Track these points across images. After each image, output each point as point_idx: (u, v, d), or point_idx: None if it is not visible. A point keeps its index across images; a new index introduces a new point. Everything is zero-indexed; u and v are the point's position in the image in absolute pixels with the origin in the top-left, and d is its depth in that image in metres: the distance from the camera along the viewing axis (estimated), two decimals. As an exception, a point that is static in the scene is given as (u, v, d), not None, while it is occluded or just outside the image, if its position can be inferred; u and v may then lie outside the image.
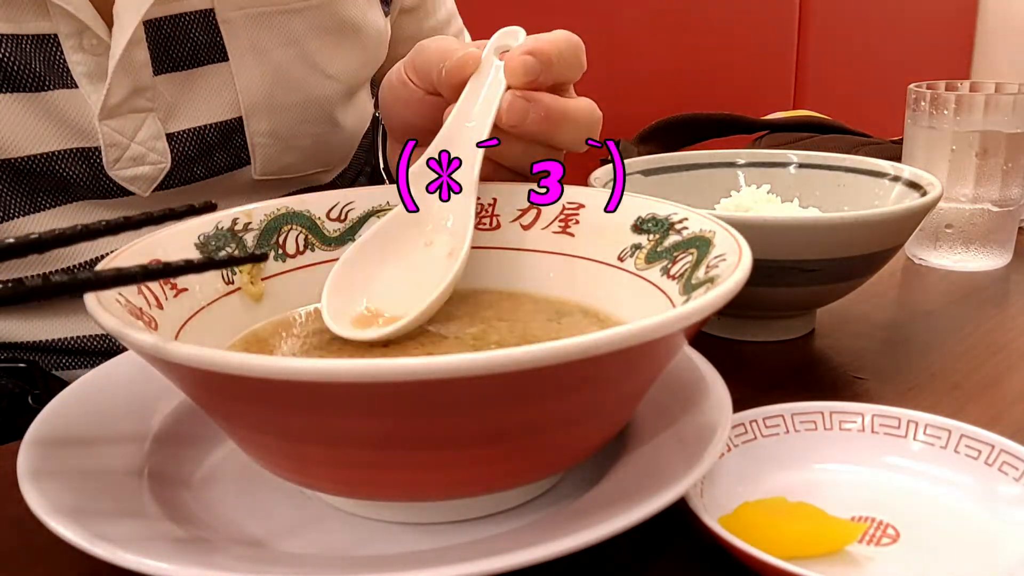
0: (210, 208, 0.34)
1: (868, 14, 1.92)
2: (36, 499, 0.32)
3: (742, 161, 0.66)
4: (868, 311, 0.63)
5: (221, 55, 0.61)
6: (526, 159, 0.47)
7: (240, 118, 0.63)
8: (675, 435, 0.36)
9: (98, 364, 0.43)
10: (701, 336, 0.34)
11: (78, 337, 0.61)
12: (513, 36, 0.47)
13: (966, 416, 0.42)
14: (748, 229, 0.38)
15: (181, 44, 0.59)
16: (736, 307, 0.33)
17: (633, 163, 0.64)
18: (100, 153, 0.58)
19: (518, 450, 0.32)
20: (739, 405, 0.39)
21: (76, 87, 0.56)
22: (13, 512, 0.35)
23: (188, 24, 0.59)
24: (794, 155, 0.65)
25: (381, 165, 0.71)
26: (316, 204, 0.46)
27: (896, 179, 0.61)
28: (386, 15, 0.71)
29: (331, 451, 0.31)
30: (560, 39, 0.45)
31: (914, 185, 0.59)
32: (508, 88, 0.44)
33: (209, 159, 0.62)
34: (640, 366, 0.32)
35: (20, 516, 0.33)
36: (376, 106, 0.76)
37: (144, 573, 0.28)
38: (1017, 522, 0.37)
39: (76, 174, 0.58)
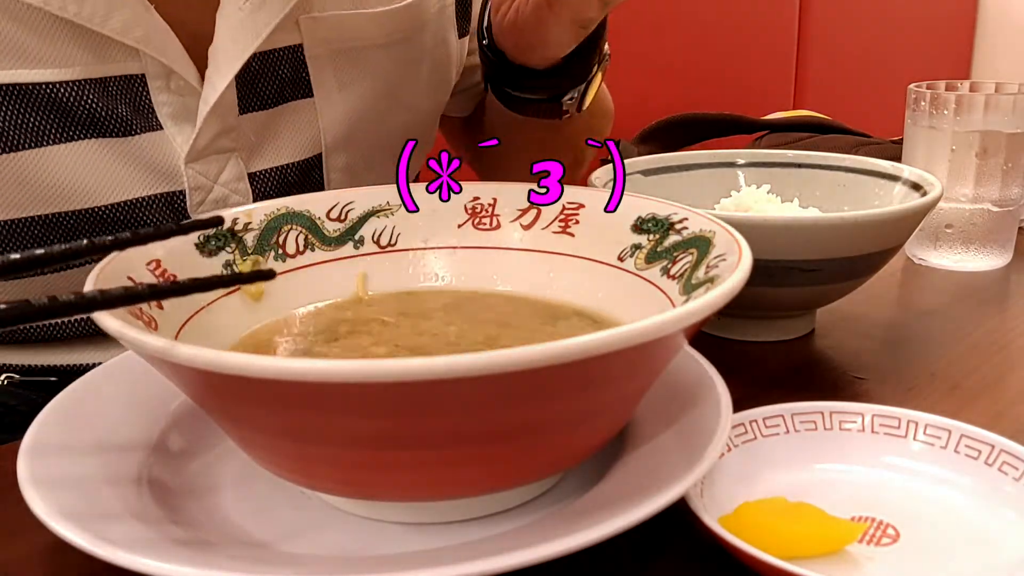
0: (217, 223, 0.35)
1: (868, 14, 1.92)
2: (36, 500, 0.32)
3: (742, 161, 0.66)
4: (868, 311, 0.63)
5: (306, 91, 0.60)
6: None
7: (320, 155, 0.62)
8: (675, 435, 0.36)
9: None
10: (701, 336, 0.34)
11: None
12: None
13: (966, 416, 0.42)
14: (748, 229, 0.38)
15: (269, 82, 0.59)
16: (736, 307, 0.33)
17: (633, 163, 0.64)
18: (184, 197, 0.57)
19: (518, 450, 0.32)
20: (739, 405, 0.39)
21: (161, 129, 0.55)
22: (13, 512, 0.35)
23: (276, 61, 0.59)
24: (794, 155, 0.65)
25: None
26: (316, 204, 0.46)
27: (896, 179, 0.61)
28: (462, 36, 0.71)
29: (331, 451, 0.31)
30: None
31: (914, 185, 0.59)
32: None
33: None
34: (640, 366, 0.32)
35: (20, 516, 0.33)
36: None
37: (144, 573, 0.28)
38: (1017, 522, 0.37)
39: (160, 220, 0.57)
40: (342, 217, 0.46)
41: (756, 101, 1.45)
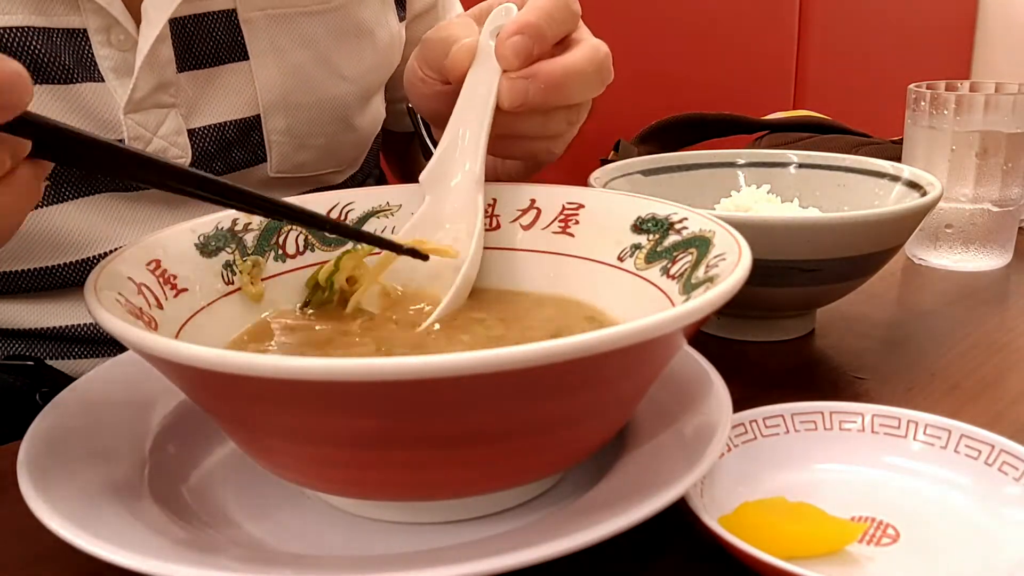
0: None
1: (868, 14, 1.92)
2: (36, 500, 0.32)
3: (742, 161, 0.66)
4: (868, 311, 0.63)
5: (242, 54, 0.62)
6: (552, 126, 0.48)
7: (258, 116, 0.64)
8: (675, 435, 0.36)
9: (104, 354, 0.43)
10: (701, 336, 0.34)
11: (85, 325, 0.61)
12: (507, 14, 0.47)
13: (966, 416, 0.42)
14: (748, 229, 0.39)
15: (204, 42, 0.61)
16: (736, 307, 0.33)
17: (633, 163, 0.64)
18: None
19: (518, 450, 0.32)
20: (739, 405, 0.39)
21: (103, 81, 0.57)
22: (13, 512, 0.35)
23: (211, 23, 0.61)
24: (794, 155, 0.65)
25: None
26: (316, 204, 0.46)
27: (896, 179, 0.61)
28: (401, 20, 0.73)
29: (331, 451, 0.31)
30: (546, 2, 0.45)
31: (914, 185, 0.59)
32: (504, 72, 0.45)
33: (227, 155, 0.63)
34: (640, 366, 0.32)
35: (20, 516, 0.33)
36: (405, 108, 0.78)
37: (144, 573, 0.28)
38: (1017, 522, 0.37)
39: None
40: (342, 217, 0.46)
41: (756, 101, 1.45)
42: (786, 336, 0.58)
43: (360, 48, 0.68)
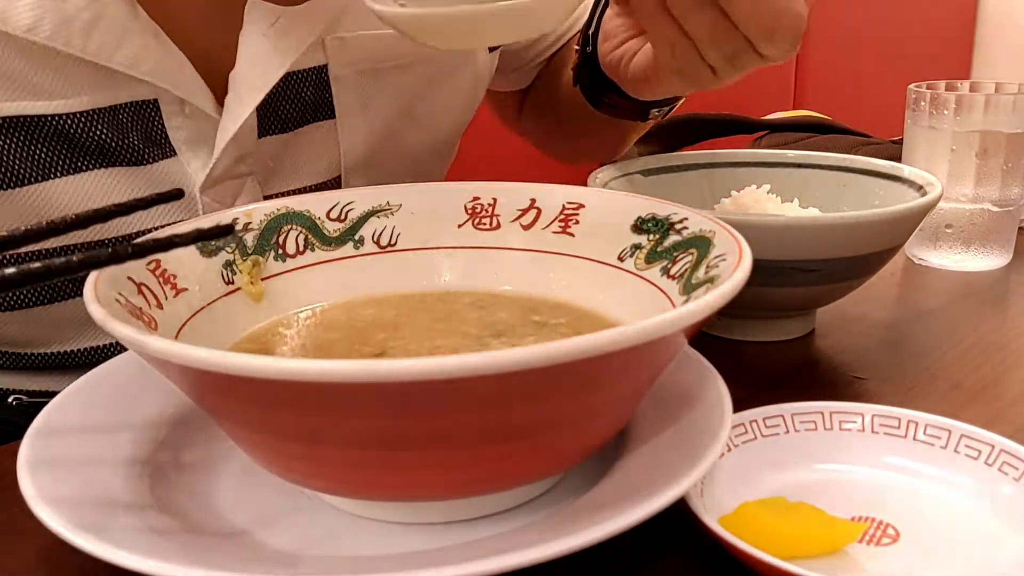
0: (178, 195, 0.34)
1: (868, 14, 1.92)
2: (36, 500, 0.32)
3: (742, 161, 0.66)
4: (868, 311, 0.63)
5: (328, 112, 0.59)
6: (693, 30, 0.45)
7: (339, 177, 0.60)
8: (675, 435, 0.36)
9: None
10: (701, 336, 0.34)
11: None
12: None
13: (966, 416, 0.42)
14: (748, 229, 0.38)
15: (291, 104, 0.57)
16: (736, 307, 0.33)
17: (633, 163, 0.64)
18: None
19: (518, 450, 0.32)
20: (739, 405, 0.39)
21: (175, 155, 0.54)
22: (13, 512, 0.35)
23: (300, 82, 0.57)
24: (794, 155, 0.65)
25: None
26: (316, 204, 0.46)
27: (896, 179, 0.61)
28: (492, 50, 0.69)
29: (331, 451, 0.31)
30: None
31: (914, 185, 0.59)
32: None
33: None
34: (640, 366, 0.32)
35: (20, 516, 0.33)
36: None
37: (144, 573, 0.28)
38: (1017, 522, 0.37)
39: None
40: (342, 217, 0.46)
41: (756, 101, 1.45)
42: (786, 336, 0.58)
43: (448, 93, 0.65)
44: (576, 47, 0.62)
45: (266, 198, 0.57)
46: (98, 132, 0.51)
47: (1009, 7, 2.22)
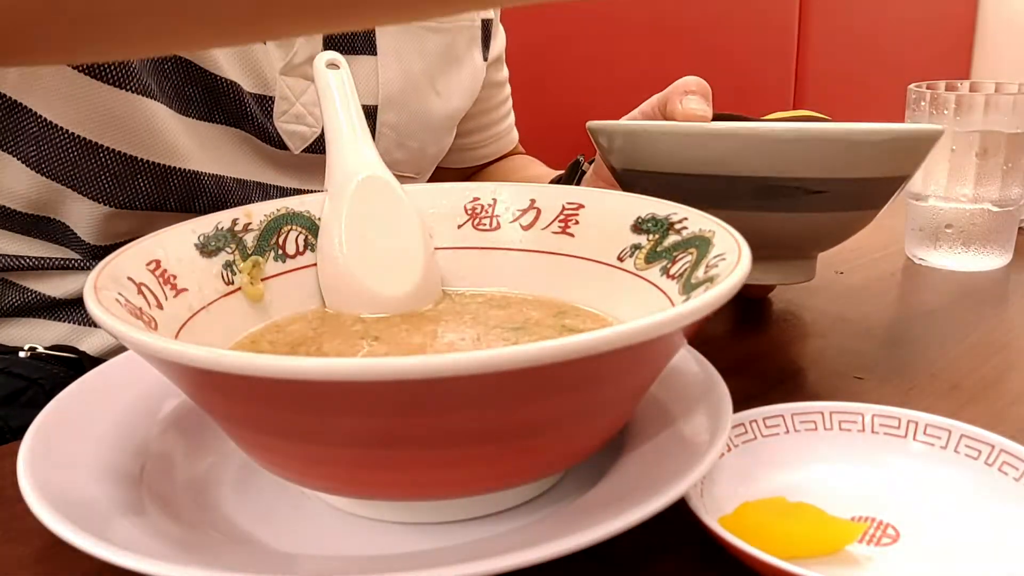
0: None
1: (868, 14, 1.92)
2: (36, 500, 0.32)
3: None
4: (868, 311, 0.63)
5: (371, 49, 0.72)
6: None
7: (376, 107, 0.73)
8: (675, 435, 0.36)
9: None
10: (701, 336, 0.34)
11: None
12: None
13: (966, 416, 0.42)
14: (755, 140, 0.36)
15: (344, 34, 0.68)
16: None
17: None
18: (273, 103, 0.66)
19: (518, 450, 0.32)
20: (739, 405, 0.39)
21: (265, 43, 0.65)
22: (13, 512, 0.35)
23: None
24: None
25: None
26: (316, 204, 0.46)
27: None
28: (484, 60, 0.84)
29: (331, 451, 0.31)
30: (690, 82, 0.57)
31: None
32: None
33: None
34: (640, 365, 0.32)
35: (20, 516, 0.33)
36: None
37: (144, 573, 0.28)
38: (1017, 522, 0.37)
39: (252, 112, 0.65)
40: (342, 217, 0.46)
41: (756, 100, 1.45)
42: (785, 280, 0.56)
43: (457, 74, 0.79)
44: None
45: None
46: None
47: (1009, 7, 2.22)
